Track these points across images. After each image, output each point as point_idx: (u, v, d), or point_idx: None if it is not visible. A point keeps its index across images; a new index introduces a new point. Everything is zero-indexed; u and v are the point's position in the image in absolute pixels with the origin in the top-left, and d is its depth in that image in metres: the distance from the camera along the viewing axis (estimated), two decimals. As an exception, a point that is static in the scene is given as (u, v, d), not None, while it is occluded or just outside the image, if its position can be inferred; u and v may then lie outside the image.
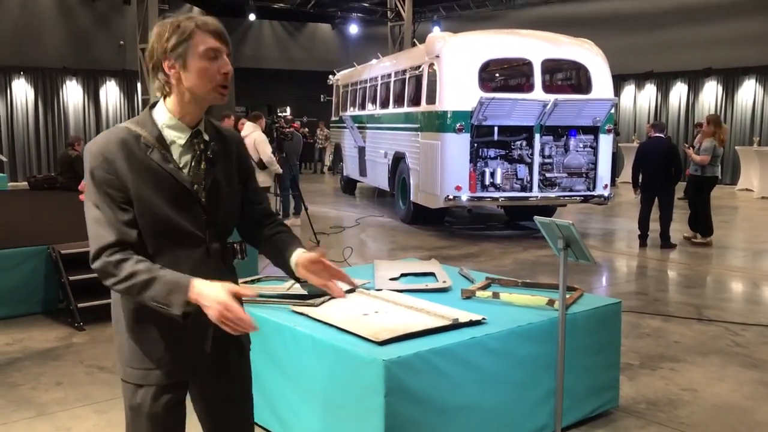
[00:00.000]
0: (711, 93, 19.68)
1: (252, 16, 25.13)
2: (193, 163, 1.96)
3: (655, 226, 9.52)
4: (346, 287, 2.14)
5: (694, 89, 20.01)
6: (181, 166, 1.94)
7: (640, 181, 9.57)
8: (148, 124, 1.93)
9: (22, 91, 19.38)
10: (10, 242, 6.16)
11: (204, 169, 1.97)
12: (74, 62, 20.01)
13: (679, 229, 9.99)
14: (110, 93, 20.94)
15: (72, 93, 20.26)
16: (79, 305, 5.68)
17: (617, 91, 18.04)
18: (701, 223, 9.78)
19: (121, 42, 20.83)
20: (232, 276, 2.09)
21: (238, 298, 1.83)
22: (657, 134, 9.66)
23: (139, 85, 18.21)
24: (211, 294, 1.75)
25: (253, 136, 9.05)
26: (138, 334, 1.96)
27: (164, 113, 1.96)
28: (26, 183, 12.84)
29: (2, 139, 19.06)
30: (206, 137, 2.00)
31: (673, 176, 9.30)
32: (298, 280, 2.09)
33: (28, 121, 19.57)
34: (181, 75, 1.91)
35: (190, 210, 1.94)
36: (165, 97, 1.96)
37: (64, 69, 19.83)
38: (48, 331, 5.59)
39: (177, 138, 1.95)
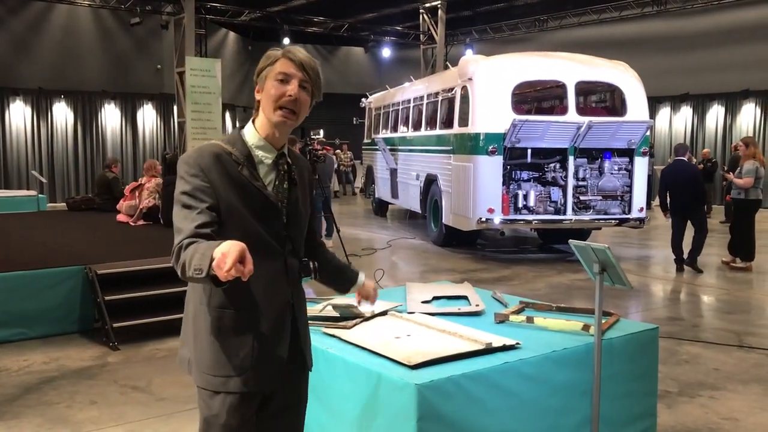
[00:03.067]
0: (749, 115, 19.38)
1: (286, 40, 25.41)
2: (276, 182, 2.12)
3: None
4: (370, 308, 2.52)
5: (732, 111, 19.73)
6: (266, 183, 2.09)
7: (668, 204, 9.48)
8: (238, 143, 2.07)
9: (62, 113, 19.86)
10: (48, 262, 6.28)
11: (287, 188, 2.14)
12: (113, 86, 20.46)
13: (717, 253, 9.79)
14: (147, 116, 21.34)
15: (110, 116, 20.69)
16: (114, 325, 5.74)
17: (652, 113, 17.88)
18: (743, 248, 9.57)
19: (159, 66, 21.26)
20: (302, 294, 2.23)
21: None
22: (678, 158, 9.58)
23: (175, 108, 18.55)
24: (221, 247, 1.66)
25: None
26: (221, 341, 2.04)
27: (253, 134, 2.10)
28: (65, 204, 13.10)
29: (42, 160, 19.52)
30: (289, 160, 2.17)
31: (698, 199, 9.19)
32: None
33: (68, 143, 20.02)
34: (262, 97, 2.07)
35: (273, 224, 2.09)
36: (254, 120, 2.11)
37: (103, 92, 20.29)
38: (83, 351, 5.65)
39: (264, 158, 2.10)
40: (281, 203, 2.10)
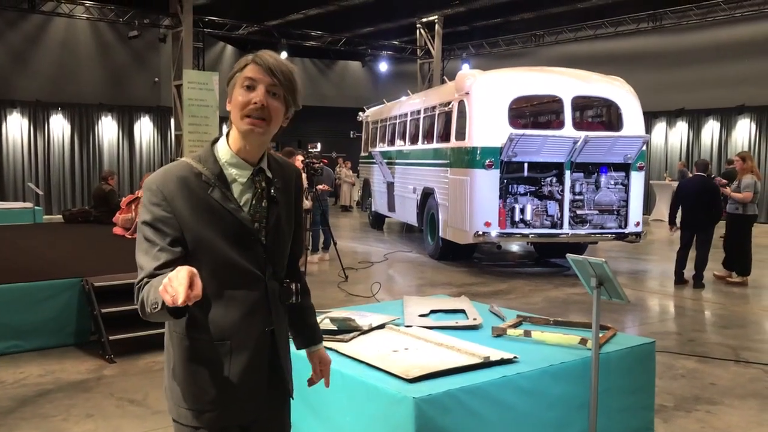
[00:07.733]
0: (744, 130, 19.47)
1: (284, 54, 25.50)
2: (253, 201, 1.93)
3: (689, 264, 9.36)
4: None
5: (727, 126, 19.82)
6: (241, 204, 1.90)
7: (678, 219, 9.46)
8: (209, 161, 1.90)
9: (59, 126, 19.86)
10: (44, 274, 6.25)
11: (265, 207, 1.94)
12: (110, 98, 20.49)
13: (710, 267, 9.81)
14: (144, 129, 21.34)
15: (107, 128, 20.69)
16: (111, 338, 5.72)
17: (648, 128, 17.97)
18: (739, 262, 9.58)
19: (156, 79, 21.30)
20: (284, 318, 2.07)
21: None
22: (698, 173, 9.55)
23: (172, 121, 18.57)
24: (171, 274, 1.57)
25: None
26: (194, 371, 1.91)
27: (225, 150, 1.92)
28: (61, 216, 13.07)
29: (39, 172, 19.50)
30: (269, 174, 1.97)
31: (713, 216, 9.17)
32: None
33: (64, 156, 20.00)
34: (231, 107, 1.91)
35: (250, 249, 1.91)
36: (228, 133, 1.96)
37: (100, 105, 20.31)
38: (80, 363, 5.63)
39: (238, 176, 1.92)
40: (259, 224, 1.92)
